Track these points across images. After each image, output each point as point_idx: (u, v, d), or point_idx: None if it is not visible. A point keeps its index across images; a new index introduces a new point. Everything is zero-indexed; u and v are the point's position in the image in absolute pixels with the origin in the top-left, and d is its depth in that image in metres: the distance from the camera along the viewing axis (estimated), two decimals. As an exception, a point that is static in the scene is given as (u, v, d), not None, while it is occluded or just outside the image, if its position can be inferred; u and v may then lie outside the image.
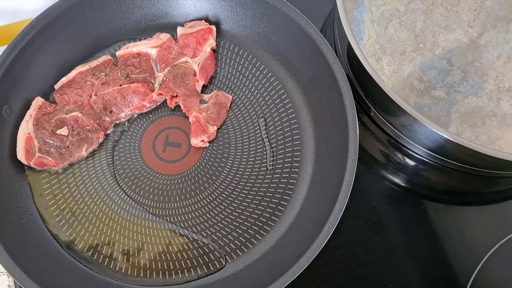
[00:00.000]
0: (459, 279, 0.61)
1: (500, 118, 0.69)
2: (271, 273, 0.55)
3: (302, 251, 0.55)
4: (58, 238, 0.61)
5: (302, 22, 0.66)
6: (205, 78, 0.69)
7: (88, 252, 0.60)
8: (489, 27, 0.74)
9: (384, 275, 0.61)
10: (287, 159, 0.65)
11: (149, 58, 0.69)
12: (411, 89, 0.71)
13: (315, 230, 0.56)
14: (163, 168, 0.66)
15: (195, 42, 0.69)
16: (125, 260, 0.60)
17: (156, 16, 0.73)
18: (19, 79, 0.65)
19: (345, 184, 0.57)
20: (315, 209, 0.60)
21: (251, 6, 0.70)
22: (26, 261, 0.56)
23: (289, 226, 0.61)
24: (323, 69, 0.64)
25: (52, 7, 0.67)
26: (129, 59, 0.69)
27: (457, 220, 0.65)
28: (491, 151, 0.54)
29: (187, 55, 0.69)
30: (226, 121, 0.68)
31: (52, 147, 0.63)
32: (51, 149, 0.63)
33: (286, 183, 0.64)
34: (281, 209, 0.62)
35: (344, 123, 0.61)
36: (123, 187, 0.64)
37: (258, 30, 0.71)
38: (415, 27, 0.75)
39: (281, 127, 0.67)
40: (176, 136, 0.68)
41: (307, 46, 0.66)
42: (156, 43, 0.69)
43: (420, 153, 0.67)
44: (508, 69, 0.72)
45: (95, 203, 0.63)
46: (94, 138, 0.65)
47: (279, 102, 0.68)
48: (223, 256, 0.60)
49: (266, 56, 0.71)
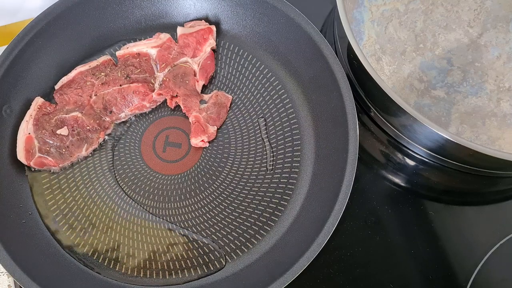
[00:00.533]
0: (459, 279, 0.61)
1: (500, 118, 0.69)
2: (271, 273, 0.55)
3: (302, 251, 0.55)
4: (58, 238, 0.61)
5: (302, 22, 0.66)
6: (205, 78, 0.69)
7: (88, 252, 0.60)
8: (489, 27, 0.74)
9: (384, 275, 0.61)
10: (287, 159, 0.65)
11: (149, 58, 0.69)
12: (411, 89, 0.71)
13: (315, 230, 0.56)
14: (163, 168, 0.66)
15: (195, 42, 0.69)
16: (125, 260, 0.60)
17: (156, 16, 0.73)
18: (19, 79, 0.65)
19: (345, 184, 0.57)
20: (315, 209, 0.60)
21: (251, 6, 0.70)
22: (26, 261, 0.56)
23: (289, 226, 0.61)
24: (323, 69, 0.64)
25: (52, 7, 0.67)
26: (129, 59, 0.69)
27: (457, 220, 0.65)
28: (491, 151, 0.54)
29: (187, 55, 0.69)
30: (226, 121, 0.68)
31: (52, 147, 0.63)
32: (51, 149, 0.63)
33: (286, 183, 0.64)
34: (281, 209, 0.62)
35: (344, 123, 0.60)
36: (123, 187, 0.64)
37: (258, 30, 0.71)
38: (415, 27, 0.75)
39: (281, 127, 0.67)
40: (176, 136, 0.68)
41: (307, 46, 0.66)
42: (156, 43, 0.69)
43: (420, 153, 0.67)
44: (508, 69, 0.72)
45: (95, 203, 0.63)
46: (94, 138, 0.65)
47: (279, 102, 0.68)
48: (223, 256, 0.60)
49: (266, 56, 0.71)
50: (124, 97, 0.66)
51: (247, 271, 0.59)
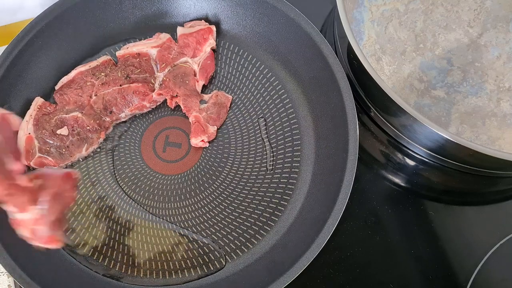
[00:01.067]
0: (459, 279, 0.61)
1: (500, 118, 0.69)
2: (271, 273, 0.55)
3: (302, 251, 0.55)
4: None
5: (302, 22, 0.66)
6: (205, 78, 0.69)
7: (88, 252, 0.60)
8: (489, 27, 0.74)
9: (384, 275, 0.61)
10: (287, 159, 0.65)
11: (149, 58, 0.69)
12: (411, 89, 0.71)
13: (315, 230, 0.56)
14: (163, 168, 0.66)
15: (195, 42, 0.69)
16: (125, 260, 0.60)
17: (156, 16, 0.73)
18: (19, 79, 0.65)
19: (345, 184, 0.57)
20: (315, 209, 0.60)
21: (251, 6, 0.70)
22: (26, 261, 0.56)
23: (289, 226, 0.61)
24: (323, 69, 0.64)
25: (52, 7, 0.67)
26: (129, 59, 0.69)
27: (457, 220, 0.65)
28: (491, 151, 0.54)
29: (187, 55, 0.69)
30: (226, 121, 0.68)
31: (52, 147, 0.63)
32: (51, 149, 0.63)
33: (286, 183, 0.64)
34: (281, 209, 0.62)
35: (344, 123, 0.60)
36: (123, 187, 0.64)
37: (258, 30, 0.71)
38: (415, 27, 0.75)
39: (281, 127, 0.67)
40: (176, 136, 0.68)
41: (307, 46, 0.66)
42: (156, 43, 0.69)
43: (420, 153, 0.67)
44: (508, 69, 0.72)
45: (95, 203, 0.63)
46: (95, 138, 0.65)
47: (279, 102, 0.68)
48: (223, 256, 0.60)
49: (266, 56, 0.71)
50: (124, 97, 0.66)
51: (247, 271, 0.59)
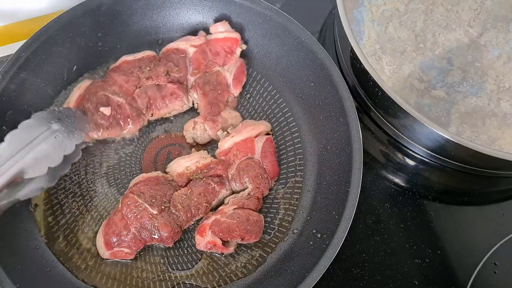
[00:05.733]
0: (459, 279, 0.61)
1: (500, 118, 0.69)
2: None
3: (300, 280, 0.54)
4: (52, 248, 0.60)
5: (296, 29, 0.66)
6: (240, 87, 0.69)
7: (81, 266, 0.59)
8: (489, 27, 0.74)
9: (384, 275, 0.61)
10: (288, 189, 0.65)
11: (185, 56, 0.69)
12: (411, 89, 0.71)
13: (317, 256, 0.55)
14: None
15: (223, 50, 0.69)
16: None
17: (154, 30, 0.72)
18: (24, 85, 0.63)
19: (348, 206, 0.57)
20: (316, 234, 0.59)
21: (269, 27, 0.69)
22: (18, 272, 0.55)
23: (286, 252, 0.60)
24: (331, 95, 0.64)
25: (62, 15, 0.65)
26: (170, 54, 0.69)
27: (457, 220, 0.65)
28: (491, 151, 0.54)
29: (218, 63, 0.69)
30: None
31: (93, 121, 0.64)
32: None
33: (284, 214, 0.63)
34: (275, 241, 0.61)
35: (349, 156, 0.60)
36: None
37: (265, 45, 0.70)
38: (415, 27, 0.75)
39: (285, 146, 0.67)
40: (177, 153, 0.67)
41: (305, 54, 0.66)
42: (195, 42, 0.69)
43: (420, 153, 0.67)
44: (508, 69, 0.72)
45: (92, 216, 0.62)
46: (130, 130, 0.66)
47: (281, 116, 0.69)
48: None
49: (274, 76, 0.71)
50: (163, 97, 0.67)
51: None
